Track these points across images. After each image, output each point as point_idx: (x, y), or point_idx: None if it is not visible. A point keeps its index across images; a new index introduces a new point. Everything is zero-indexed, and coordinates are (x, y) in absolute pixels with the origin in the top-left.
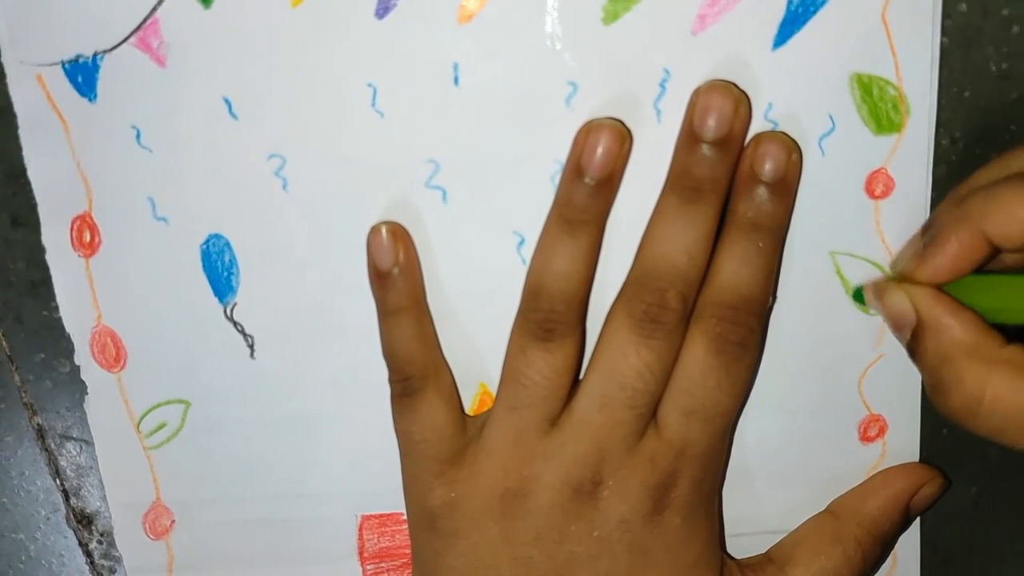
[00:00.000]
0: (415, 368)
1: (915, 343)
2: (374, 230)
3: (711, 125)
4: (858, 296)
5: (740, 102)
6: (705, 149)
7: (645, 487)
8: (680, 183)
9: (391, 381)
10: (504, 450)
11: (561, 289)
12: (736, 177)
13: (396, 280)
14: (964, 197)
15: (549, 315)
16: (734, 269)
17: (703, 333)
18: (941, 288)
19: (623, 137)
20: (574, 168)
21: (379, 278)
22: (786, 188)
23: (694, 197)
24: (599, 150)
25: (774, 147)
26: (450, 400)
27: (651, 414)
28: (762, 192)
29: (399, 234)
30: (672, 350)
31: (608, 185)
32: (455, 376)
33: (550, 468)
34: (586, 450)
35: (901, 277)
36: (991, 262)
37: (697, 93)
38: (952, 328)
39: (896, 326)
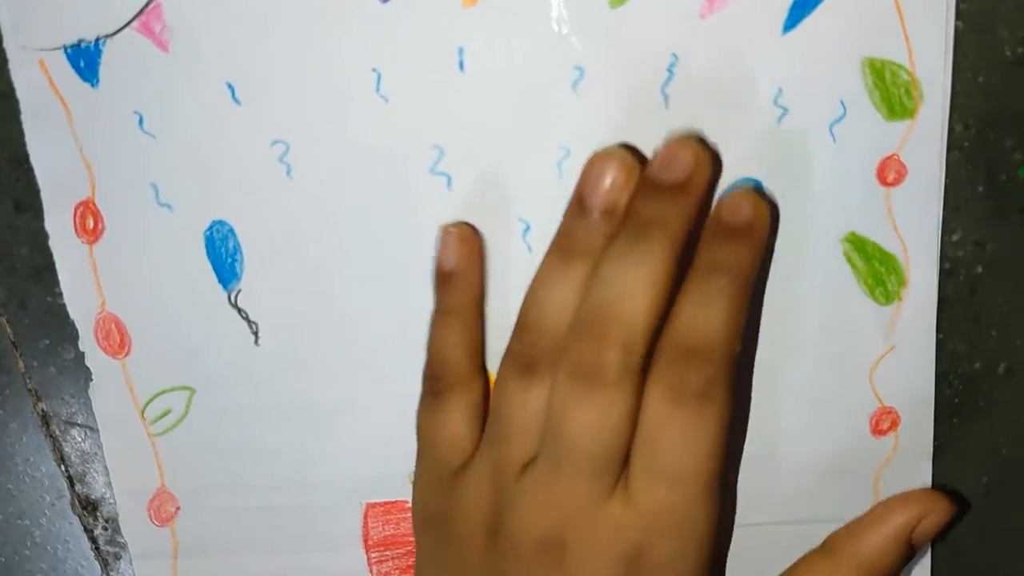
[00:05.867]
0: (447, 372)
1: None
2: (444, 230)
3: (669, 170)
4: None
5: (700, 152)
6: (657, 192)
7: (612, 555)
8: (627, 223)
9: (424, 375)
10: (482, 485)
11: (546, 324)
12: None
13: (454, 282)
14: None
15: (530, 350)
16: (691, 312)
17: (657, 382)
18: None
19: (630, 169)
20: (578, 200)
21: (440, 276)
22: (753, 236)
23: (643, 235)
24: (606, 182)
25: (739, 197)
26: (473, 411)
27: (616, 474)
28: (725, 238)
29: (466, 237)
30: (623, 403)
31: (610, 217)
32: None
33: (518, 518)
34: (546, 510)
35: None
36: None
37: (666, 144)
38: None
39: None
